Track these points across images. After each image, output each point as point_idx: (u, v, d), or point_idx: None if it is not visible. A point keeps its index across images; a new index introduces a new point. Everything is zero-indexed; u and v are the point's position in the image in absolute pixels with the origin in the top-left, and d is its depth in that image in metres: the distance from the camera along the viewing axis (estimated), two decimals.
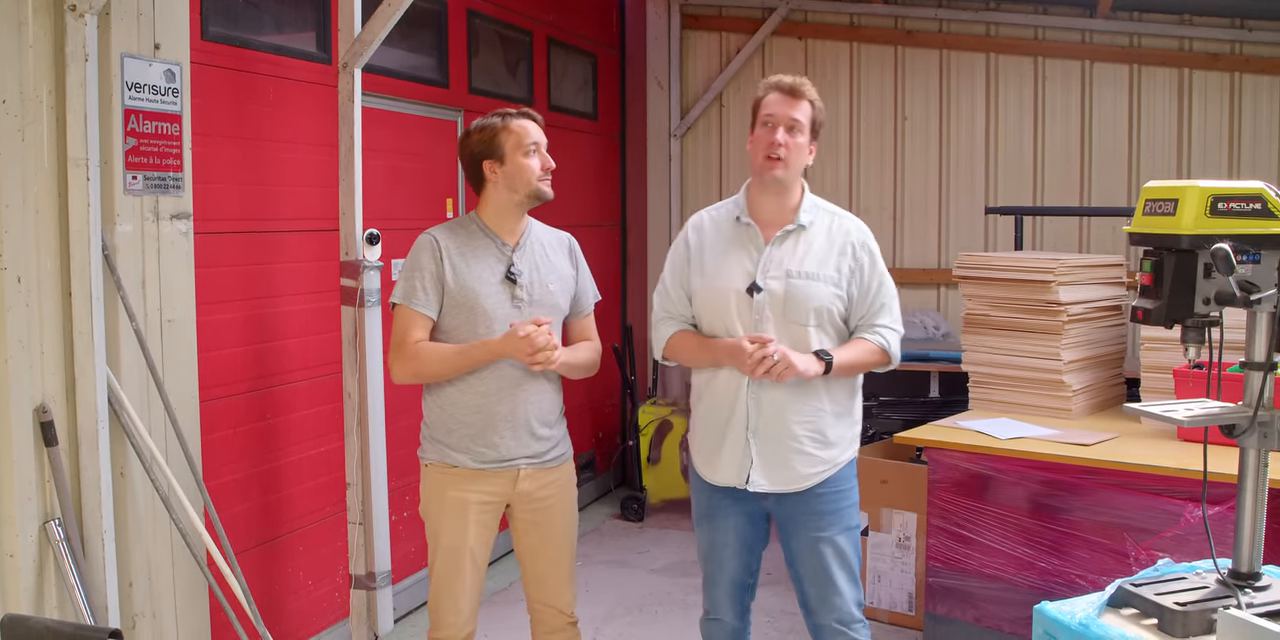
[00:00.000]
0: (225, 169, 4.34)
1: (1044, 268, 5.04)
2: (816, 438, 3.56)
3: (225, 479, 4.34)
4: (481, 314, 3.62)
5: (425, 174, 5.75)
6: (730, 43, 8.44)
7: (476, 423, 3.64)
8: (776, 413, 3.53)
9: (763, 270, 3.53)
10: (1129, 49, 7.38)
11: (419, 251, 3.67)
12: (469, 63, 6.15)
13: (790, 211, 3.61)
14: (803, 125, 3.54)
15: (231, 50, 4.38)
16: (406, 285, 3.64)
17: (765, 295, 3.51)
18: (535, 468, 3.72)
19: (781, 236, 3.57)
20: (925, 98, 7.90)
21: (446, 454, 3.68)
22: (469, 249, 3.68)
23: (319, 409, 4.85)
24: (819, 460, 3.57)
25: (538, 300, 3.69)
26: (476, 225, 3.73)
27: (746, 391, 3.53)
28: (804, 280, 3.51)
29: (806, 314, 3.51)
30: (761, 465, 3.55)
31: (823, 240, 3.58)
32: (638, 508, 7.39)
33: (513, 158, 3.65)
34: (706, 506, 3.74)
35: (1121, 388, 5.45)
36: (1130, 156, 7.40)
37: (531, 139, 3.66)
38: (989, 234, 7.73)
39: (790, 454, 3.54)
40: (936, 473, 4.73)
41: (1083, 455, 4.36)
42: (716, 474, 3.65)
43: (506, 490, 3.69)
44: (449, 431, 3.67)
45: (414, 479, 5.49)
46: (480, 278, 3.64)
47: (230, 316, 4.39)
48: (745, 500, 3.65)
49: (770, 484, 3.56)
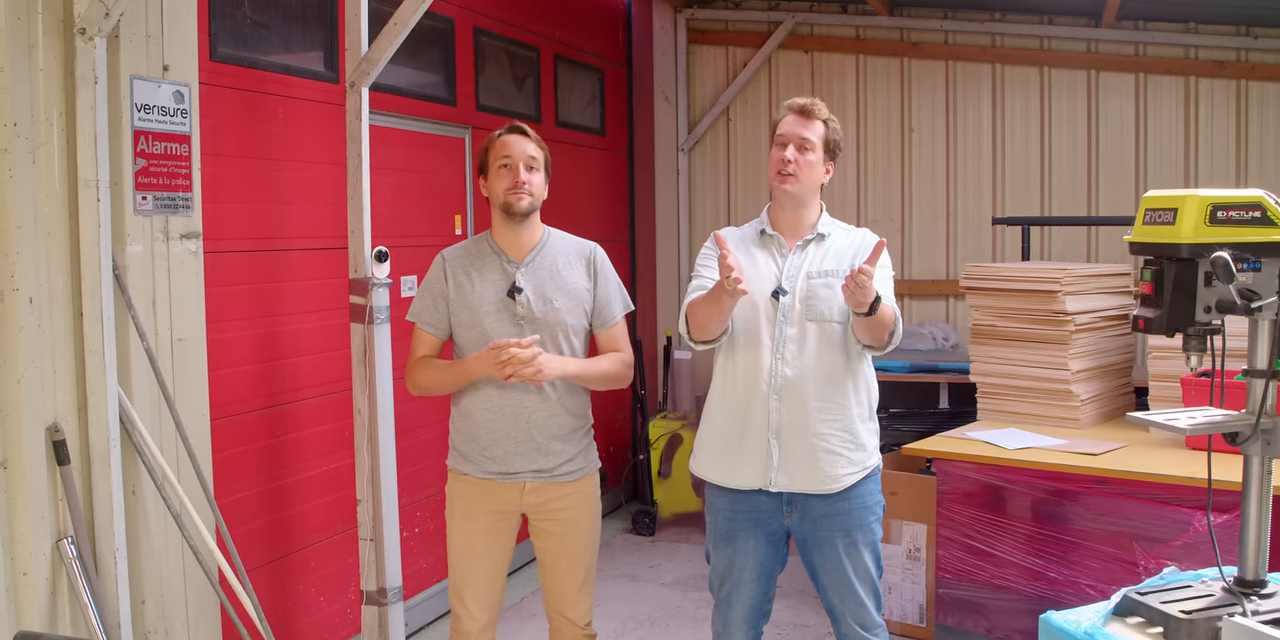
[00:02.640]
0: (234, 188, 4.37)
1: (1051, 278, 5.05)
2: (846, 438, 3.58)
3: (237, 496, 4.36)
4: (483, 332, 3.72)
5: (433, 191, 5.78)
6: (737, 57, 8.48)
7: (484, 437, 3.76)
8: (800, 412, 3.54)
9: (787, 275, 3.62)
10: (1135, 58, 7.40)
11: (431, 270, 3.87)
12: (476, 80, 6.19)
13: (809, 226, 3.73)
14: (814, 144, 3.65)
15: (240, 70, 4.42)
16: (418, 303, 3.86)
17: (789, 298, 3.59)
18: (544, 481, 3.77)
19: (802, 245, 3.69)
20: (931, 109, 7.93)
21: (461, 463, 3.84)
22: (475, 267, 3.80)
23: (329, 426, 4.87)
24: (849, 461, 3.57)
25: (540, 318, 3.73)
26: (487, 243, 3.85)
27: (769, 391, 3.55)
28: (823, 279, 3.60)
29: (829, 312, 3.57)
30: (784, 465, 3.55)
31: (841, 246, 3.69)
32: (649, 522, 7.40)
33: (491, 172, 3.79)
34: (725, 528, 3.70)
35: (1130, 397, 5.46)
36: (1137, 165, 7.42)
37: (504, 153, 3.76)
38: (996, 245, 7.75)
39: (818, 454, 3.54)
40: (946, 484, 4.74)
41: (1091, 465, 4.37)
42: (736, 477, 3.64)
43: (514, 501, 3.79)
44: (464, 442, 3.82)
45: (423, 495, 5.55)
46: (482, 296, 3.75)
47: (240, 335, 4.42)
48: (766, 519, 3.64)
49: (793, 484, 3.56)
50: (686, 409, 8.04)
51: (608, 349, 3.91)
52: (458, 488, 3.85)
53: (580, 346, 3.84)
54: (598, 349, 3.92)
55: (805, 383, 3.54)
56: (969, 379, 5.42)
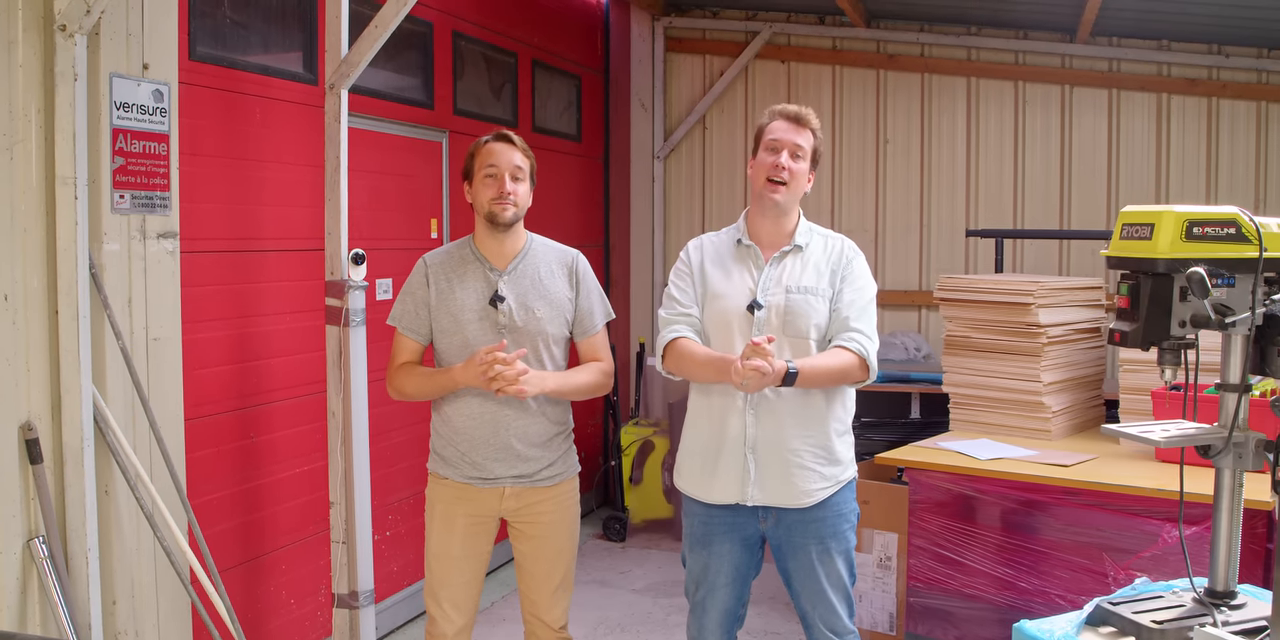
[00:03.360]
0: (212, 188, 4.36)
1: (1024, 290, 5.08)
2: (820, 454, 3.59)
3: (210, 497, 4.34)
4: (465, 340, 3.73)
5: (410, 194, 5.77)
6: (714, 65, 8.51)
7: (463, 444, 3.77)
8: (776, 428, 3.55)
9: (763, 288, 3.61)
10: (1108, 74, 7.47)
11: (413, 275, 3.85)
12: (454, 84, 6.19)
13: (787, 235, 3.70)
14: (805, 152, 3.64)
15: (219, 70, 4.41)
16: (399, 308, 3.85)
17: (766, 311, 3.57)
18: (524, 486, 3.78)
19: (779, 257, 3.66)
20: (907, 121, 7.98)
21: (441, 466, 3.84)
22: (458, 274, 3.79)
23: (303, 428, 4.86)
24: (821, 476, 3.59)
25: (521, 327, 3.74)
26: (469, 249, 3.84)
27: (745, 407, 3.56)
28: (802, 295, 3.59)
29: (808, 328, 3.57)
30: (760, 480, 3.57)
31: (819, 258, 3.67)
32: (619, 528, 7.40)
33: (477, 179, 3.78)
34: (701, 532, 3.72)
35: (1101, 409, 5.49)
36: (1110, 180, 7.48)
37: (490, 162, 3.74)
38: (970, 256, 7.79)
39: (791, 469, 3.56)
40: (917, 493, 4.76)
41: (1062, 476, 4.39)
42: (713, 492, 3.65)
43: (493, 506, 3.80)
44: (444, 446, 3.83)
45: (396, 498, 5.54)
46: (464, 303, 3.75)
47: (216, 335, 4.40)
48: (742, 524, 3.65)
49: (767, 498, 3.58)
50: (658, 416, 8.05)
51: (588, 358, 3.91)
52: (437, 491, 3.85)
53: (561, 355, 3.84)
54: (579, 357, 3.92)
55: (781, 398, 3.54)
56: (941, 389, 5.44)
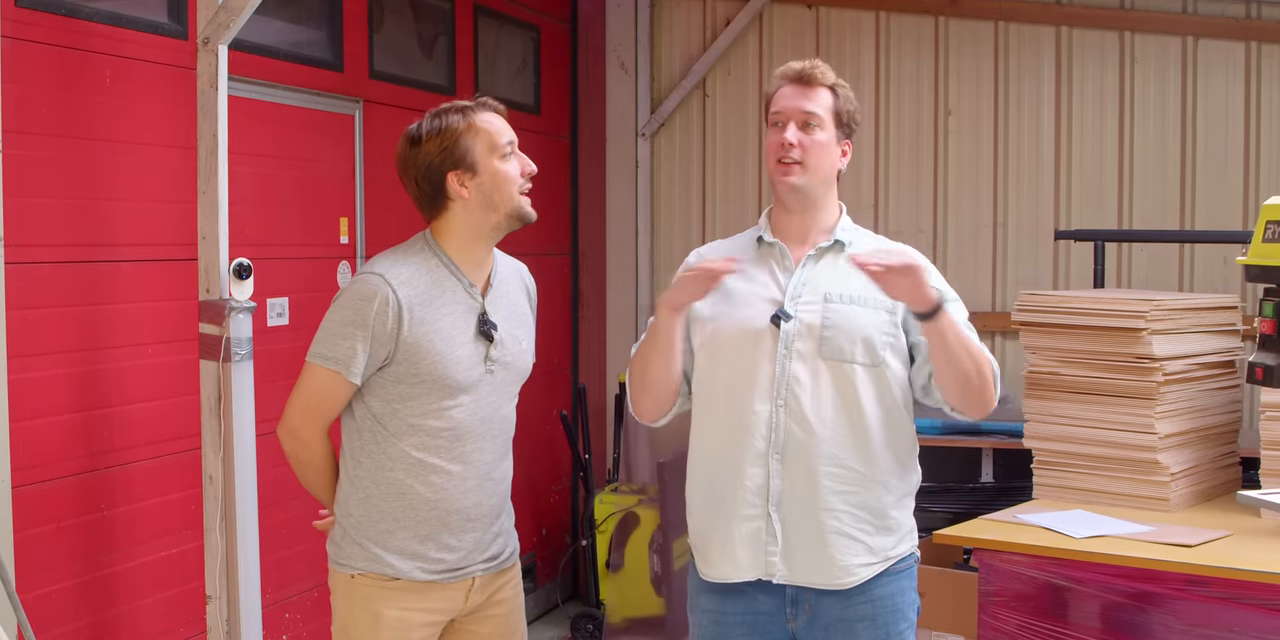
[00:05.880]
0: (46, 177, 4.38)
1: (1133, 311, 5.08)
2: (864, 517, 3.51)
3: (46, 590, 4.34)
4: (448, 386, 3.57)
5: (312, 185, 5.80)
6: (717, 13, 8.48)
7: (433, 520, 3.60)
8: (807, 478, 3.47)
9: (792, 295, 3.56)
10: (1245, 22, 7.42)
11: (363, 300, 3.51)
12: (370, 38, 6.21)
13: (823, 232, 3.67)
14: (821, 119, 3.59)
15: (54, 19, 4.41)
16: (342, 344, 3.51)
17: (796, 324, 3.51)
18: (491, 574, 3.74)
19: (816, 255, 3.63)
20: (976, 86, 7.95)
21: (382, 561, 3.59)
22: (432, 297, 3.57)
23: (170, 497, 4.87)
24: (867, 549, 3.52)
25: (511, 362, 3.70)
26: (439, 259, 3.64)
27: (768, 450, 3.49)
28: (848, 305, 3.53)
29: (853, 347, 3.49)
30: (787, 550, 3.50)
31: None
32: (593, 629, 7.39)
33: (487, 164, 3.59)
34: (712, 634, 3.66)
35: (1236, 470, 5.50)
36: (1247, 164, 7.41)
37: (506, 138, 3.64)
38: (1059, 266, 7.78)
39: (828, 535, 3.48)
40: (990, 582, 4.78)
41: (1185, 559, 4.40)
42: (723, 566, 3.58)
43: (455, 606, 3.68)
44: (387, 532, 3.59)
45: (295, 591, 5.53)
46: (449, 337, 3.57)
47: (52, 374, 4.41)
48: (766, 624, 3.59)
49: (795, 575, 3.50)
50: (644, 480, 8.02)
51: None
52: (377, 596, 3.58)
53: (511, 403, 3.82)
54: None
55: (817, 440, 3.47)
56: (1022, 444, 5.45)
